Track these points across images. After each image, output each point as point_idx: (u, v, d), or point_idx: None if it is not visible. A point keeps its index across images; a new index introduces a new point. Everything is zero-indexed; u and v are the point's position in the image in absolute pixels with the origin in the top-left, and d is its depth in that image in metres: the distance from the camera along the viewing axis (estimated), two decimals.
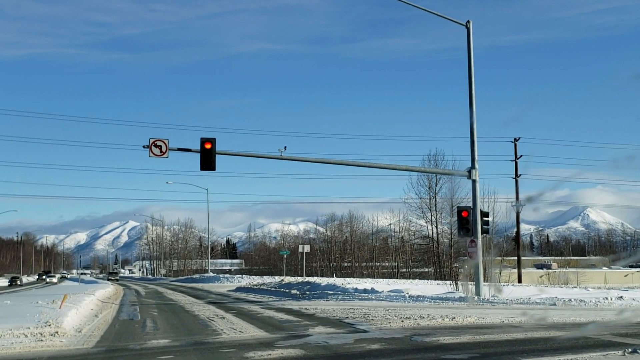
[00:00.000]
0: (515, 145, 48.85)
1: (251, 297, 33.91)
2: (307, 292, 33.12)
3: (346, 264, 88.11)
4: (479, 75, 26.43)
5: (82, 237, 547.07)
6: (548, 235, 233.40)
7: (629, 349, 11.06)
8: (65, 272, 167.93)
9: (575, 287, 38.93)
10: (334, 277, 62.88)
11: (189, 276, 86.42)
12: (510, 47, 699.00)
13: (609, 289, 34.82)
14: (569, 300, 23.71)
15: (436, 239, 61.07)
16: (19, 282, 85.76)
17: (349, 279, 49.08)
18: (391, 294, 28.57)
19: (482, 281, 26.44)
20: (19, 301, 28.52)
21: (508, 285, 34.39)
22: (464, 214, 26.55)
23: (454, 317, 17.50)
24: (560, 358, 10.82)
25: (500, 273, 48.76)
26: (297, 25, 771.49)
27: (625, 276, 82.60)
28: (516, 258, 52.31)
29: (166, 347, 13.27)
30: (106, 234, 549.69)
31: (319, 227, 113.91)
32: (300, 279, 48.47)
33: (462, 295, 26.55)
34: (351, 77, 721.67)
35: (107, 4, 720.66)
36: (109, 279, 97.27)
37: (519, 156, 48.82)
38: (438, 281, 43.57)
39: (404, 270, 77.53)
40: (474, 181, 26.83)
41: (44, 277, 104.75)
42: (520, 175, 48.68)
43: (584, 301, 23.39)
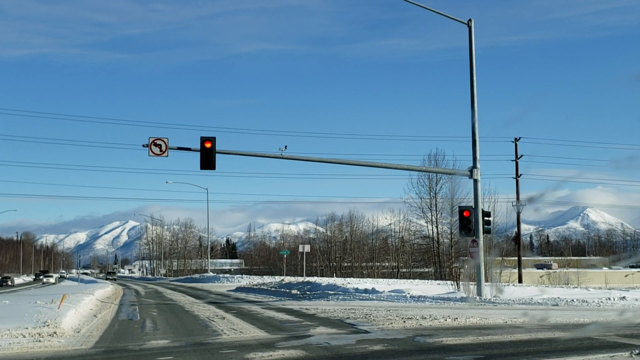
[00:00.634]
0: (516, 145, 48.73)
1: (251, 297, 33.78)
2: (308, 292, 33.00)
3: (346, 264, 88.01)
4: (480, 76, 26.14)
5: (81, 236, 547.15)
6: (548, 236, 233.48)
7: (636, 351, 10.91)
8: (64, 271, 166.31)
9: (576, 287, 38.77)
10: (334, 277, 62.74)
11: (188, 276, 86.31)
12: (511, 48, 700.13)
13: (610, 289, 34.67)
14: (571, 300, 23.57)
15: (436, 239, 61.00)
16: (9, 283, 77.80)
17: (349, 279, 48.93)
18: (392, 294, 28.45)
19: (484, 281, 26.32)
20: (18, 301, 28.41)
21: (509, 285, 34.21)
22: (465, 213, 26.44)
23: (456, 318, 17.37)
24: None
25: (501, 273, 48.67)
26: (298, 25, 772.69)
27: (626, 276, 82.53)
28: (516, 258, 52.21)
29: (166, 347, 13.13)
30: (106, 233, 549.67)
31: (319, 227, 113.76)
32: (300, 279, 48.32)
33: (463, 295, 26.43)
34: (352, 77, 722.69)
35: (108, 4, 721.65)
36: (107, 279, 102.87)
37: (519, 156, 48.73)
38: (439, 281, 43.43)
39: (404, 271, 77.40)
40: (475, 181, 26.70)
41: (41, 277, 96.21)
42: (521, 175, 48.58)
43: (586, 301, 23.26)
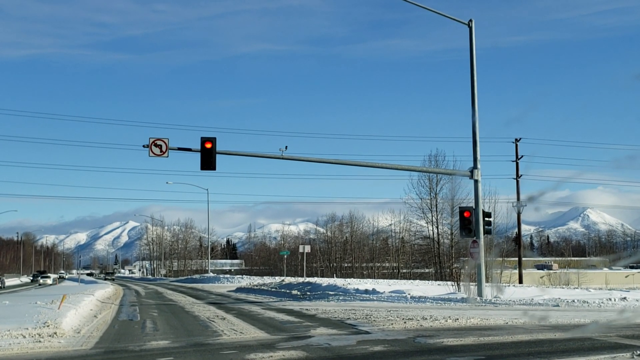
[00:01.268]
0: (517, 145, 48.65)
1: (251, 297, 33.75)
2: (308, 293, 32.97)
3: (346, 265, 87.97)
4: (480, 76, 26.11)
5: (82, 237, 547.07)
6: (548, 236, 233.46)
7: (637, 351, 10.88)
8: (64, 272, 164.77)
9: (577, 287, 38.73)
10: (334, 277, 62.71)
11: (189, 276, 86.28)
12: (512, 48, 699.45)
13: (610, 289, 34.65)
14: (572, 301, 23.53)
15: (437, 240, 60.95)
16: None
17: (349, 280, 48.90)
18: (393, 294, 28.41)
19: (484, 282, 26.28)
20: (18, 301, 28.39)
21: (509, 286, 34.18)
22: (466, 214, 26.41)
23: (457, 318, 17.33)
24: None
25: (501, 274, 48.61)
26: (299, 26, 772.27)
27: (626, 277, 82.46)
28: (516, 259, 52.12)
29: (166, 348, 13.11)
30: (106, 234, 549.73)
31: (319, 228, 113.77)
32: (300, 279, 48.29)
33: (464, 296, 26.39)
34: (352, 78, 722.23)
35: (110, 4, 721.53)
36: (105, 279, 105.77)
37: (520, 157, 48.66)
38: (439, 282, 43.39)
39: (405, 271, 77.38)
40: (476, 181, 26.67)
41: (38, 277, 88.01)
42: (521, 175, 48.49)
43: (587, 302, 23.22)
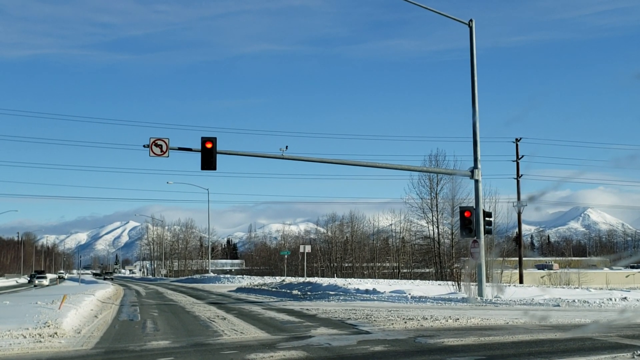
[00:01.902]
0: (517, 145, 48.64)
1: (252, 297, 33.75)
2: (309, 293, 32.96)
3: (347, 265, 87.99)
4: (481, 77, 26.10)
5: (82, 237, 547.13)
6: (549, 236, 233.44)
7: (638, 351, 10.87)
8: (63, 272, 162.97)
9: (577, 287, 38.74)
10: (334, 277, 62.74)
11: (189, 276, 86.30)
12: (513, 48, 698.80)
13: (610, 289, 34.64)
14: (573, 301, 23.51)
15: (437, 240, 60.93)
16: None
17: (350, 280, 48.89)
18: (393, 294, 28.40)
19: (485, 282, 26.27)
20: (19, 301, 28.37)
21: (510, 285, 34.17)
22: (466, 214, 26.40)
23: (457, 318, 17.33)
24: None
25: (502, 273, 48.59)
26: (301, 26, 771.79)
27: (627, 277, 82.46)
28: (517, 258, 52.12)
29: (166, 348, 13.11)
30: (107, 234, 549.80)
31: (319, 228, 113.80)
32: (301, 279, 48.29)
33: (464, 295, 26.38)
34: (353, 78, 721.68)
35: (111, 5, 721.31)
36: (104, 279, 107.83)
37: (520, 156, 48.64)
38: (439, 282, 43.37)
39: (405, 271, 77.39)
40: (476, 181, 26.67)
41: (34, 278, 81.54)
42: (522, 175, 48.48)
43: (587, 302, 23.21)
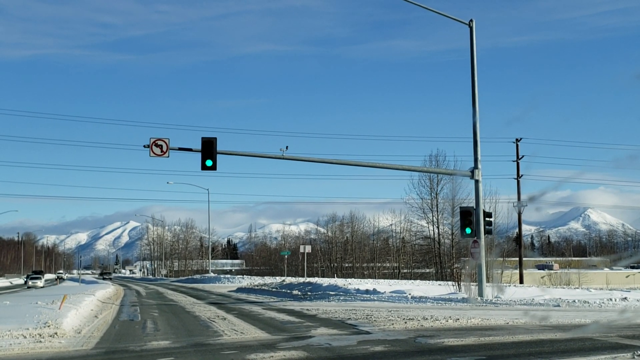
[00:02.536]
0: (517, 145, 48.64)
1: (252, 297, 33.75)
2: (309, 293, 32.97)
3: (347, 265, 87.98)
4: (481, 77, 26.11)
5: (82, 237, 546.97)
6: (549, 236, 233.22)
7: (638, 352, 10.86)
8: (62, 272, 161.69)
9: (577, 288, 38.73)
10: (335, 277, 62.74)
11: (189, 277, 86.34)
12: (513, 49, 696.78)
13: (611, 290, 34.66)
14: (573, 301, 23.50)
15: (437, 240, 60.93)
16: None
17: (350, 280, 48.90)
18: (393, 294, 28.40)
19: (485, 282, 26.27)
20: (19, 302, 28.40)
21: (510, 286, 34.18)
22: (466, 214, 26.39)
23: (457, 319, 17.32)
24: None
25: (502, 274, 48.61)
26: (302, 26, 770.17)
27: (627, 277, 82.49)
28: (517, 259, 52.10)
29: (167, 348, 13.11)
30: (107, 234, 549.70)
31: (319, 228, 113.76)
32: (301, 279, 48.28)
33: (464, 296, 26.38)
34: (354, 78, 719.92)
35: (113, 5, 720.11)
36: (103, 279, 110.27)
37: (520, 157, 48.63)
38: (440, 282, 43.37)
39: (405, 271, 77.39)
40: (476, 181, 26.66)
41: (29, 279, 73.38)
42: (522, 175, 48.46)
43: (588, 302, 23.20)
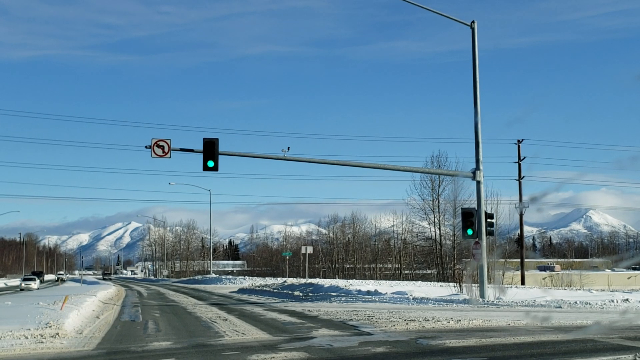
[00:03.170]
0: (519, 147, 48.66)
1: (253, 298, 33.75)
2: (310, 294, 32.96)
3: (348, 266, 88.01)
4: (483, 78, 26.17)
5: (84, 238, 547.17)
6: (550, 237, 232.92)
7: None
8: (63, 272, 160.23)
9: (579, 289, 38.71)
10: (336, 278, 62.76)
11: (191, 277, 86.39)
12: (515, 50, 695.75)
13: (612, 291, 34.63)
14: (575, 302, 23.45)
15: (439, 241, 60.85)
16: None
17: (351, 281, 48.89)
18: (395, 295, 28.36)
19: (487, 283, 26.24)
20: (20, 302, 28.45)
21: (511, 287, 34.15)
22: (468, 215, 26.38)
23: (459, 320, 17.30)
24: None
25: (504, 275, 48.56)
26: (304, 27, 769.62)
27: (629, 278, 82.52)
28: (519, 260, 52.08)
29: (168, 349, 13.11)
30: (108, 235, 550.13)
31: (321, 229, 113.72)
32: (302, 280, 48.30)
33: (466, 297, 26.34)
34: (357, 79, 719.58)
35: (116, 6, 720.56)
36: (103, 279, 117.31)
37: (522, 158, 48.62)
38: (441, 283, 43.34)
39: (407, 272, 77.42)
40: (478, 182, 26.65)
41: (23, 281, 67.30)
42: (524, 177, 48.48)
43: (589, 304, 23.14)
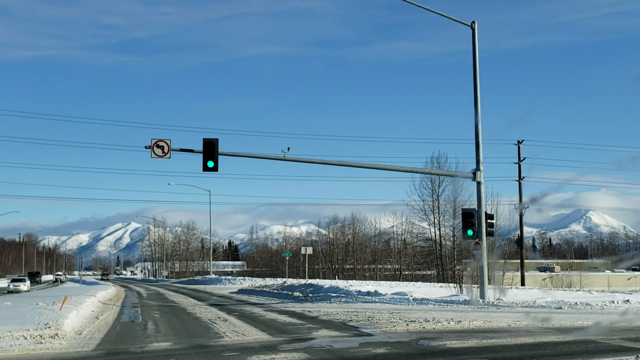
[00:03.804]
0: (519, 147, 48.60)
1: (253, 299, 33.71)
2: (310, 295, 32.91)
3: (348, 266, 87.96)
4: (484, 79, 26.13)
5: (84, 238, 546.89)
6: (550, 238, 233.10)
7: None
8: (61, 273, 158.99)
9: (579, 290, 38.69)
10: (336, 279, 62.69)
11: (190, 278, 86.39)
12: (516, 51, 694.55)
13: (612, 292, 34.60)
14: (575, 303, 23.41)
15: (439, 242, 60.79)
16: None
17: (351, 281, 48.84)
18: (395, 296, 28.31)
19: (487, 284, 26.20)
20: (20, 302, 28.41)
21: (512, 288, 34.12)
22: (468, 216, 26.33)
23: (459, 321, 17.26)
24: None
25: (504, 276, 48.52)
26: (305, 28, 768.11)
27: (629, 279, 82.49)
28: (518, 261, 52.03)
29: (167, 350, 13.07)
30: (108, 235, 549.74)
31: (321, 229, 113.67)
32: (302, 281, 48.26)
33: (466, 298, 26.31)
34: (357, 80, 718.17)
35: (116, 6, 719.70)
36: (102, 279, 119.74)
37: (522, 159, 48.58)
38: (441, 284, 43.28)
39: (407, 273, 77.38)
40: (478, 183, 26.60)
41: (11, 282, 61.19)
42: (524, 177, 48.42)
43: (589, 304, 23.10)
